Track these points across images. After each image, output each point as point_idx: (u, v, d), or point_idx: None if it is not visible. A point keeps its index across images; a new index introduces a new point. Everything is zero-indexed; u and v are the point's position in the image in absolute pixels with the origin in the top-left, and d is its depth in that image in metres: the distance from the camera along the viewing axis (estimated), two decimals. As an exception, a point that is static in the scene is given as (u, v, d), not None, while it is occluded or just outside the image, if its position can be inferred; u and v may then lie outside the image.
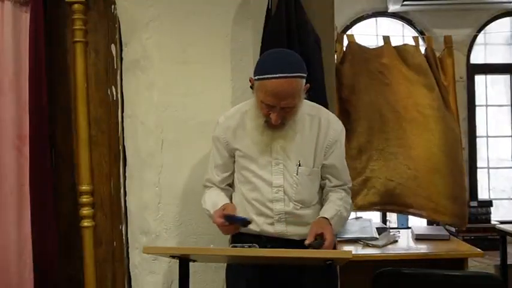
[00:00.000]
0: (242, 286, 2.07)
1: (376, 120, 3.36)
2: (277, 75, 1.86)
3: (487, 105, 4.75)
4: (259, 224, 2.04)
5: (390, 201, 3.35)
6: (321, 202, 2.12)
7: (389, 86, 3.37)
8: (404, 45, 3.49)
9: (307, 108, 2.06)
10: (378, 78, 3.38)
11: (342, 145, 2.13)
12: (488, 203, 4.29)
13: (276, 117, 1.92)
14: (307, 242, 1.87)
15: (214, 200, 2.09)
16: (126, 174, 2.67)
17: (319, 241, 1.86)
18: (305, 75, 1.92)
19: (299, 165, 2.03)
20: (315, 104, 2.15)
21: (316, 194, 2.11)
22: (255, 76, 1.93)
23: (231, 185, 2.17)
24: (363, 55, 3.41)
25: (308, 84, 1.96)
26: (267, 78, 1.87)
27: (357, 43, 3.45)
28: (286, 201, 2.03)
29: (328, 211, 2.02)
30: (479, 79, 4.71)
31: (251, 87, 1.98)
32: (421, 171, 3.29)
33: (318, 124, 2.06)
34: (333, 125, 2.09)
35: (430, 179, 3.27)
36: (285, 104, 1.89)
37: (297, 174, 2.03)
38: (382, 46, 3.46)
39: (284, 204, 2.03)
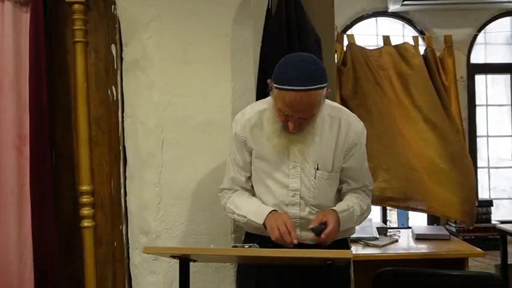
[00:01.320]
0: (251, 287, 2.05)
1: (378, 120, 3.35)
2: (296, 88, 1.78)
3: (487, 105, 4.75)
4: None
5: (398, 198, 3.35)
6: None
7: (390, 87, 3.37)
8: (404, 43, 3.49)
9: (328, 108, 2.01)
10: (377, 80, 3.38)
11: (363, 147, 2.07)
12: (489, 203, 4.28)
13: (294, 126, 1.87)
14: (310, 226, 1.87)
15: (255, 206, 2.02)
16: (127, 174, 2.67)
17: (320, 226, 1.85)
18: (326, 84, 1.85)
19: (317, 168, 1.98)
20: (335, 104, 2.10)
21: (333, 199, 2.07)
22: (274, 82, 1.86)
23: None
24: (363, 56, 3.40)
25: (329, 90, 1.90)
26: (286, 90, 1.80)
27: (356, 44, 3.45)
28: (302, 206, 2.00)
29: (339, 206, 1.99)
30: (479, 79, 4.70)
31: (269, 90, 1.92)
32: (425, 169, 3.29)
33: (338, 125, 2.01)
34: (353, 126, 2.03)
35: (435, 178, 3.27)
36: (303, 115, 1.85)
37: (314, 178, 1.99)
38: (381, 47, 3.46)
39: (300, 209, 2.00)
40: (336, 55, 3.09)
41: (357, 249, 3.17)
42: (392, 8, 4.47)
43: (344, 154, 2.02)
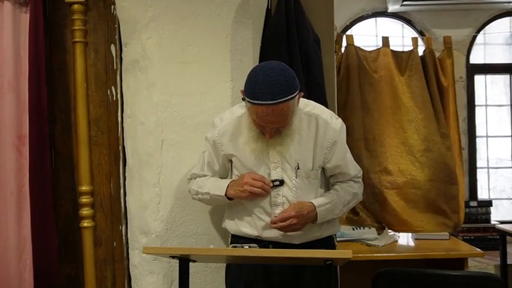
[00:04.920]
0: None
1: (368, 132, 3.34)
2: (267, 103, 1.79)
3: (486, 105, 4.75)
4: (258, 229, 2.02)
5: (371, 219, 3.36)
6: None
7: (385, 89, 3.34)
8: (401, 52, 3.47)
9: (304, 107, 2.02)
10: (370, 87, 3.36)
11: (343, 143, 2.08)
12: (488, 203, 4.29)
13: (270, 135, 1.90)
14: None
15: (215, 182, 2.09)
16: (126, 175, 2.67)
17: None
18: (297, 92, 1.86)
19: (298, 168, 1.99)
20: (311, 102, 2.10)
21: (315, 196, 2.07)
22: (245, 95, 1.87)
23: None
24: (359, 60, 3.38)
25: (302, 93, 1.92)
26: (257, 104, 1.81)
27: (354, 46, 3.43)
28: (286, 206, 2.00)
29: (318, 200, 2.02)
30: (478, 79, 4.71)
31: (243, 99, 1.92)
32: (397, 187, 3.28)
33: (316, 124, 2.02)
34: (331, 124, 2.03)
35: (405, 195, 3.26)
36: (277, 125, 1.87)
37: (296, 177, 2.00)
38: (379, 49, 3.44)
39: (283, 208, 2.00)
40: (335, 56, 3.09)
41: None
42: (391, 8, 4.48)
43: (325, 154, 2.03)
